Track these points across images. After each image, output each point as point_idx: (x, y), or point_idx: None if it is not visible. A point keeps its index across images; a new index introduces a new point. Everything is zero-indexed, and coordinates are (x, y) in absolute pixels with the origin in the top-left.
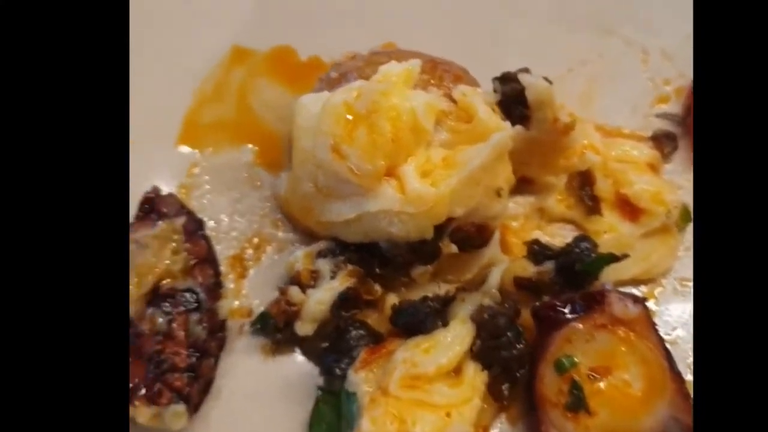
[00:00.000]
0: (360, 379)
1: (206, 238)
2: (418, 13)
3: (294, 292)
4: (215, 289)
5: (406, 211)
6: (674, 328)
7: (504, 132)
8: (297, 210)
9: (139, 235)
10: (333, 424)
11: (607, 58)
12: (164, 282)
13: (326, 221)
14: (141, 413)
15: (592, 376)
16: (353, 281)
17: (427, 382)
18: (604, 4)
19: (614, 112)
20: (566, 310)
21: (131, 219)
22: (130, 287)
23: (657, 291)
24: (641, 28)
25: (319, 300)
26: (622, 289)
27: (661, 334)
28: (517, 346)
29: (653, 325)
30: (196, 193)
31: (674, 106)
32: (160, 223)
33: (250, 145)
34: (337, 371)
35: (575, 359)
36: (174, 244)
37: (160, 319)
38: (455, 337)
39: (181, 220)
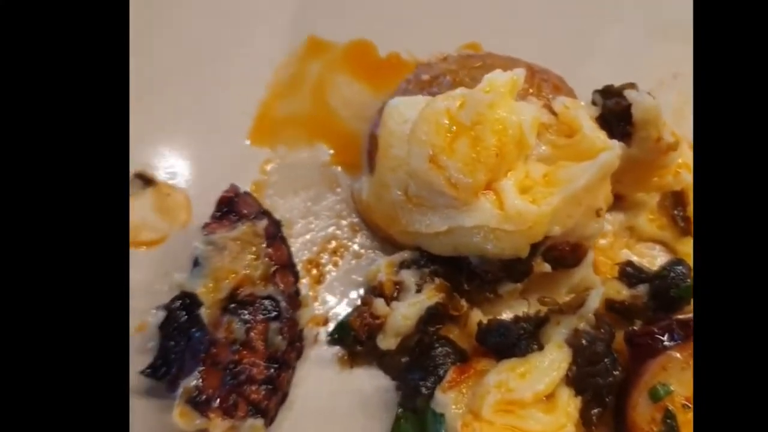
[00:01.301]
0: (449, 400)
1: (285, 243)
2: (505, 14)
3: (379, 304)
4: (295, 297)
5: (504, 229)
6: None
7: (612, 151)
8: (380, 217)
9: (216, 236)
10: None
11: None
12: (242, 288)
13: (413, 231)
14: (216, 425)
15: (687, 405)
16: (441, 296)
17: (521, 407)
18: None
19: None
20: (664, 338)
21: (208, 219)
22: (205, 291)
23: None
24: None
25: (405, 315)
26: None
27: None
28: (614, 373)
29: None
30: (269, 191)
31: None
32: (240, 224)
33: (326, 144)
34: (424, 390)
35: (671, 388)
36: (254, 248)
37: (238, 327)
38: (552, 362)
39: (263, 223)
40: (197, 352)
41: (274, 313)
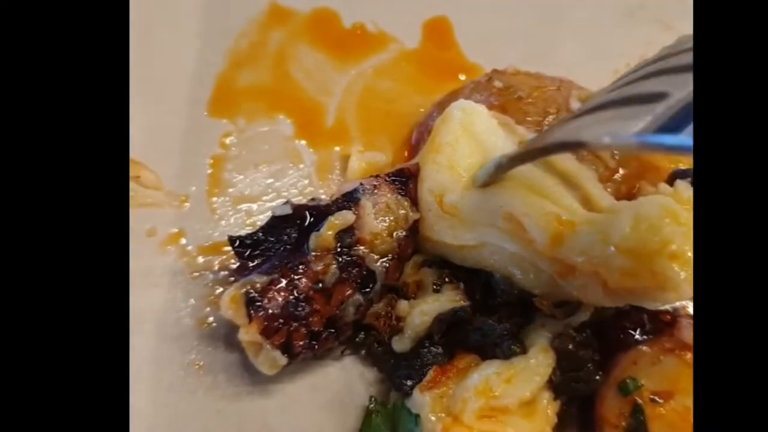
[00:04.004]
0: (426, 401)
1: (414, 243)
2: None
3: (402, 305)
4: (387, 291)
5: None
6: None
7: None
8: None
9: (378, 194)
10: None
11: None
12: (362, 248)
13: (435, 238)
14: (248, 331)
15: (655, 400)
16: (464, 303)
17: (502, 412)
18: None
19: None
20: (635, 333)
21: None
22: (335, 223)
23: None
24: None
25: (423, 312)
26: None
27: None
28: (596, 378)
29: None
30: (228, 166)
31: None
32: (401, 199)
33: (287, 117)
34: (407, 388)
35: (640, 382)
36: (394, 226)
37: (332, 273)
38: (537, 367)
39: (416, 215)
40: (286, 263)
41: (366, 289)
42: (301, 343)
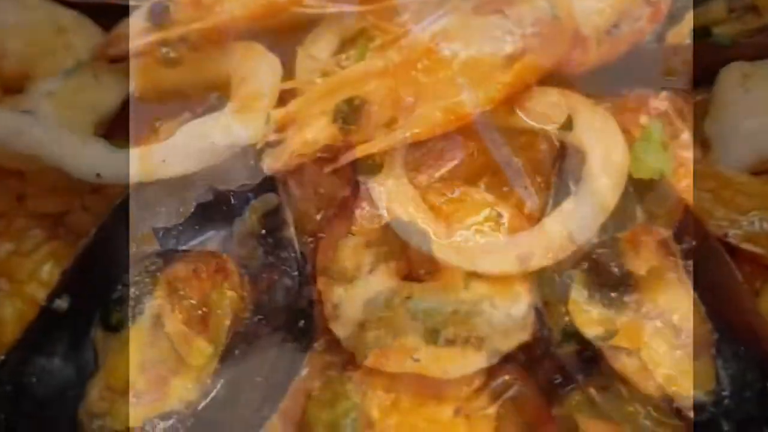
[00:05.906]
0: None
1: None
2: None
3: (338, 292)
4: (322, 274)
5: None
6: None
7: None
8: None
9: (304, 173)
10: None
11: None
12: (289, 230)
13: None
14: (172, 321)
15: None
16: (392, 282)
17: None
18: None
19: None
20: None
21: None
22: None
23: None
24: None
25: (351, 297)
26: None
27: None
28: None
29: None
30: None
31: None
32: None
33: None
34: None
35: None
36: (321, 203)
37: (258, 257)
38: None
39: (345, 192)
40: (210, 250)
41: (295, 273)
42: (229, 331)
